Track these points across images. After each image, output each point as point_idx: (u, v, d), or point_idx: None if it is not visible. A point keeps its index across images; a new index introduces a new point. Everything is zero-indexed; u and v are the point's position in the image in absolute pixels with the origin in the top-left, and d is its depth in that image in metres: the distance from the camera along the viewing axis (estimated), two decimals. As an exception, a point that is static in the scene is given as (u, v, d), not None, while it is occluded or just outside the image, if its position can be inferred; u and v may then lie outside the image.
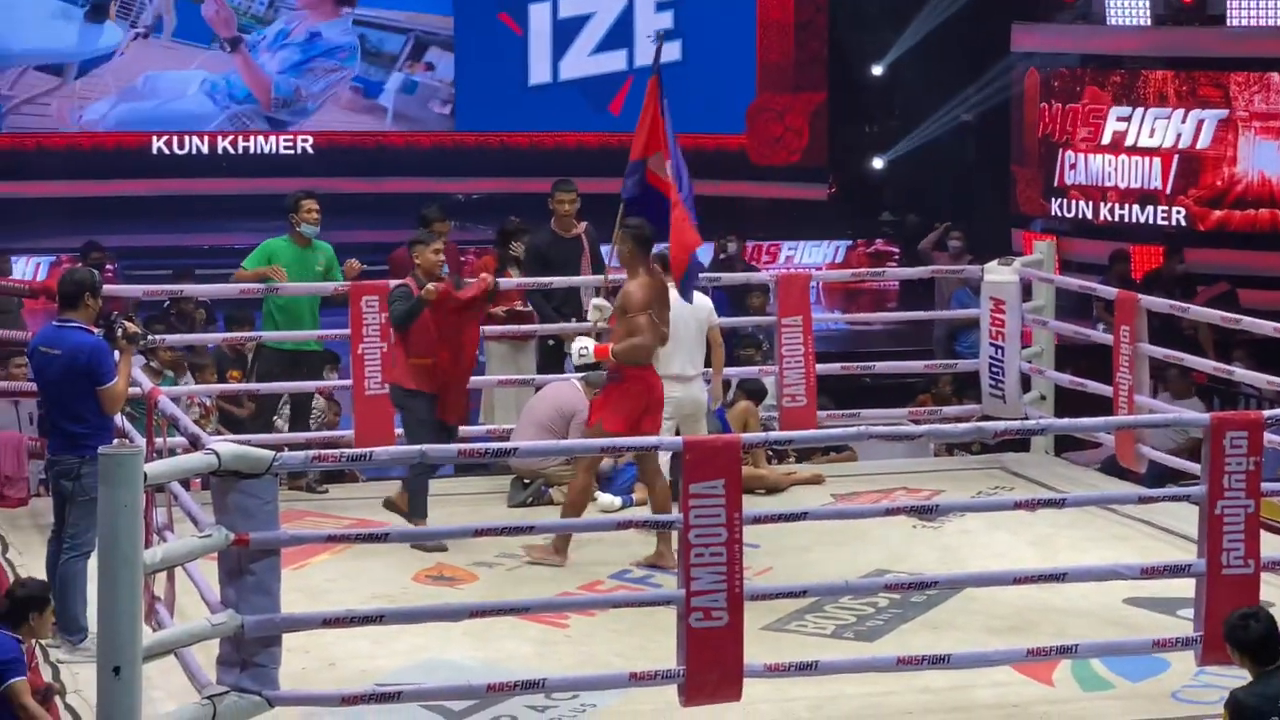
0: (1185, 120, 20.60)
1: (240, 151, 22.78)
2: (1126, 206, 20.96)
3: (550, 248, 12.95)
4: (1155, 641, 8.89)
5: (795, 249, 23.24)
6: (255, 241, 12.69)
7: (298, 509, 11.59)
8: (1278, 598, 8.97)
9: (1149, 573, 8.96)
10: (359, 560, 10.64)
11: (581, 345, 10.85)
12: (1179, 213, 20.62)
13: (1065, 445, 14.00)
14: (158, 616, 8.71)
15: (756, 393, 13.02)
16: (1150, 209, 20.82)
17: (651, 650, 9.05)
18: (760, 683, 8.41)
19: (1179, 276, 18.35)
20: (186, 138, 22.62)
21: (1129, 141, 20.98)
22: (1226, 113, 20.34)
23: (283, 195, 12.84)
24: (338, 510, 11.89)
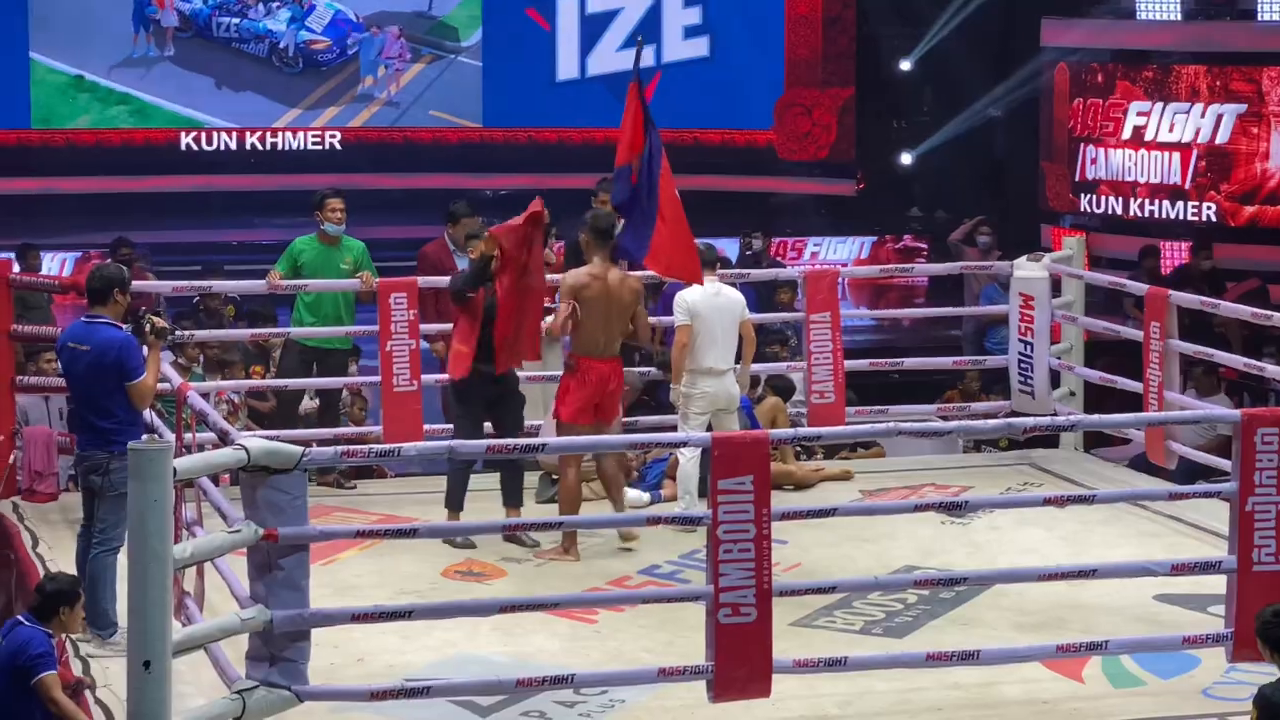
0: (1205, 115, 20.52)
1: (268, 147, 22.78)
2: (1156, 202, 20.87)
3: None
4: (1186, 638, 8.88)
5: (820, 244, 23.18)
6: (284, 237, 12.73)
7: (325, 504, 11.61)
8: (1309, 594, 8.95)
9: (1179, 569, 8.94)
10: (387, 556, 10.66)
11: None
12: (1209, 208, 20.53)
13: (1094, 441, 13.97)
14: (187, 611, 8.72)
15: (785, 389, 13.02)
16: (1180, 204, 20.74)
17: (680, 646, 9.05)
18: (789, 679, 8.40)
19: (1206, 272, 18.29)
20: (215, 134, 22.62)
21: (1149, 136, 20.91)
22: (1245, 107, 20.26)
23: (311, 191, 12.88)
24: (366, 506, 11.91)
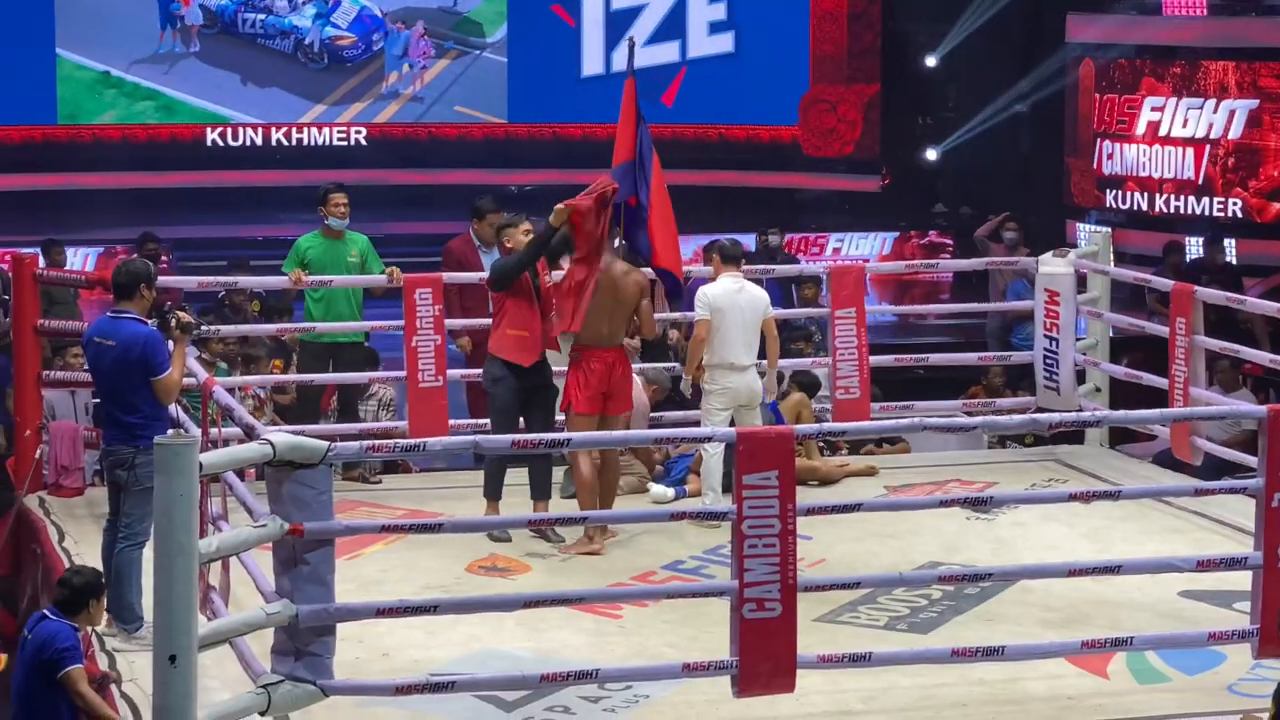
0: (1217, 110, 20.47)
1: (294, 143, 22.80)
2: (1182, 198, 20.83)
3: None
4: (1211, 634, 8.86)
5: (842, 240, 23.17)
6: (308, 232, 12.75)
7: (350, 499, 11.64)
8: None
9: (1204, 565, 8.92)
10: (412, 551, 10.67)
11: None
12: (1235, 204, 20.48)
13: (1119, 437, 13.95)
14: (213, 606, 8.74)
15: (810, 385, 13.00)
16: (1206, 200, 20.69)
17: (704, 641, 9.05)
18: (813, 674, 8.40)
19: (1220, 266, 18.25)
20: (240, 129, 22.65)
21: (1162, 131, 20.86)
22: (1257, 103, 20.21)
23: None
24: (391, 501, 11.93)
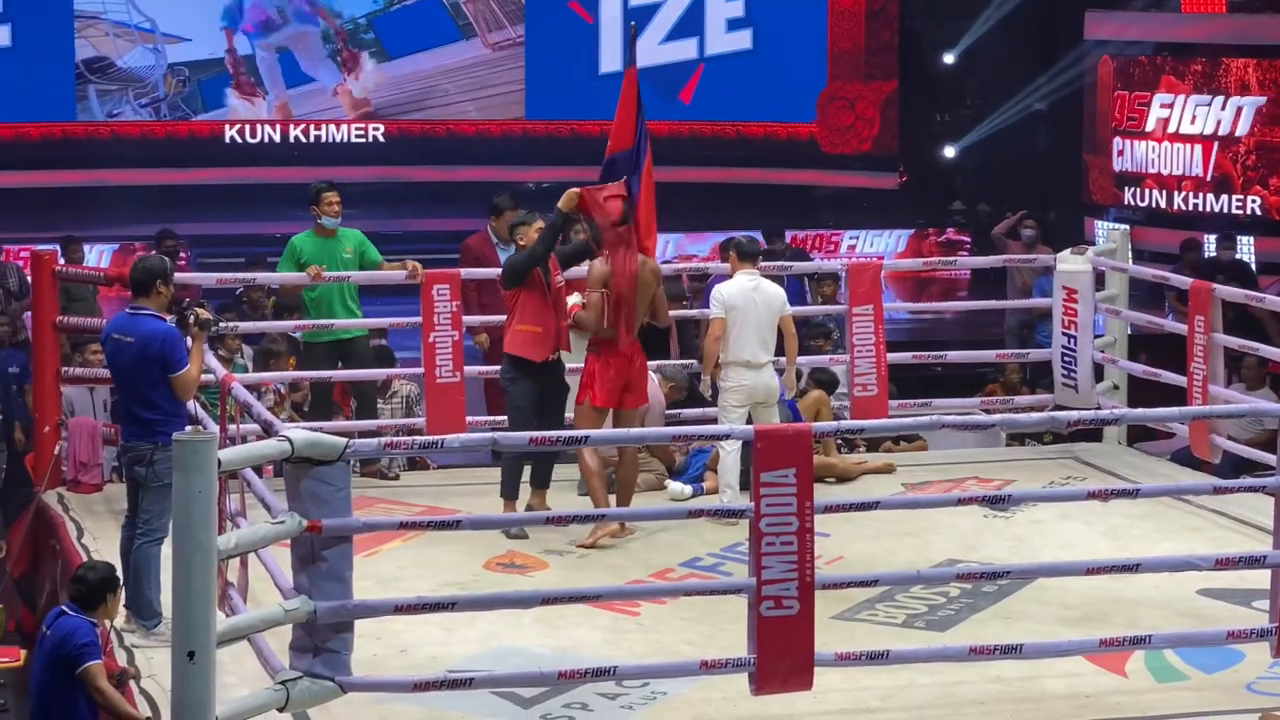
0: (1225, 107, 20.43)
1: (312, 140, 22.82)
2: (1200, 195, 20.80)
3: None
4: (1229, 633, 8.83)
5: (857, 238, 23.15)
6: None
7: (368, 496, 11.65)
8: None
9: (1223, 564, 8.89)
10: (430, 548, 10.68)
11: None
12: (1254, 201, 20.44)
13: (1137, 435, 13.92)
14: (231, 602, 8.75)
15: (829, 383, 12.99)
16: (1225, 198, 20.65)
17: (722, 639, 9.05)
18: (831, 672, 8.40)
19: (1230, 263, 18.22)
20: (259, 126, 22.67)
21: (1171, 128, 20.83)
22: (1264, 100, 20.18)
23: (355, 183, 12.90)
24: (409, 497, 11.93)
